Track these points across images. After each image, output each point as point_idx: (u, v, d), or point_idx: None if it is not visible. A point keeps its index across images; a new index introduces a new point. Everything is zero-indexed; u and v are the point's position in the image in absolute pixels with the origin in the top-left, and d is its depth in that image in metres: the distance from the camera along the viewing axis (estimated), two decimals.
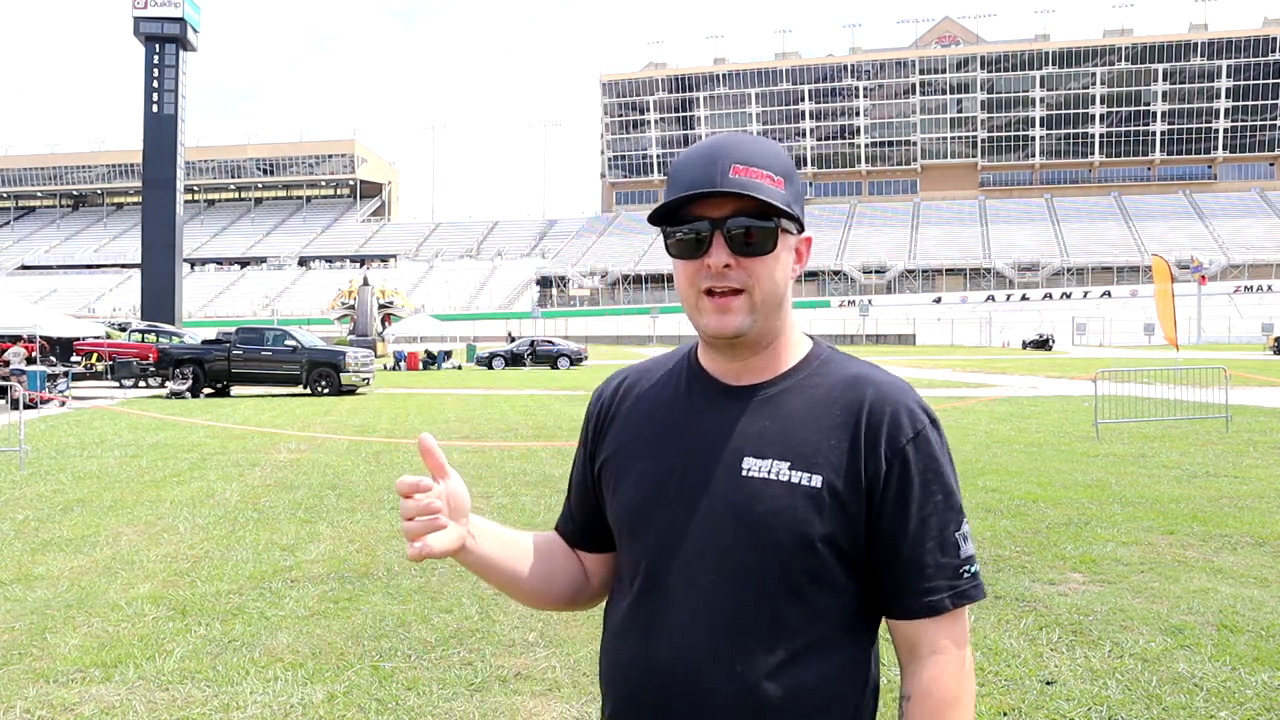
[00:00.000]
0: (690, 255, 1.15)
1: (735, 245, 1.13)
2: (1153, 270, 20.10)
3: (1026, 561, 5.60)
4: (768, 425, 1.16)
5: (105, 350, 26.07)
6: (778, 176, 1.14)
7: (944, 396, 18.99)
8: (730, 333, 1.14)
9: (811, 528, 1.11)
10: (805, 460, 1.13)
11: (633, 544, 1.21)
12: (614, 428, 1.28)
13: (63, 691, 3.72)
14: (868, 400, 1.16)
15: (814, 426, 1.15)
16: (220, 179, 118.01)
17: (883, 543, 1.14)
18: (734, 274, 1.13)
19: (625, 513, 1.22)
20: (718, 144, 1.15)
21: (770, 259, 1.14)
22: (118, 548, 6.18)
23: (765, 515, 1.12)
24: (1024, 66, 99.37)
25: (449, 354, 38.47)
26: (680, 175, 1.15)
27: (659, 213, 1.15)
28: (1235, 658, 3.94)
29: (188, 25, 55.91)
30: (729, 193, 1.10)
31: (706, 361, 1.24)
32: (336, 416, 16.04)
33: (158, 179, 55.15)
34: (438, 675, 3.90)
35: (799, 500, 1.11)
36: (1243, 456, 9.84)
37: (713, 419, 1.19)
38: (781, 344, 1.21)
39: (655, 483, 1.19)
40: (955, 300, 77.52)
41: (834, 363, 1.22)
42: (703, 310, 1.15)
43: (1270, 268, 75.99)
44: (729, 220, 1.12)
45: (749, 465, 1.14)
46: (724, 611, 1.12)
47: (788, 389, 1.19)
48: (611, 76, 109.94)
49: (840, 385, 1.18)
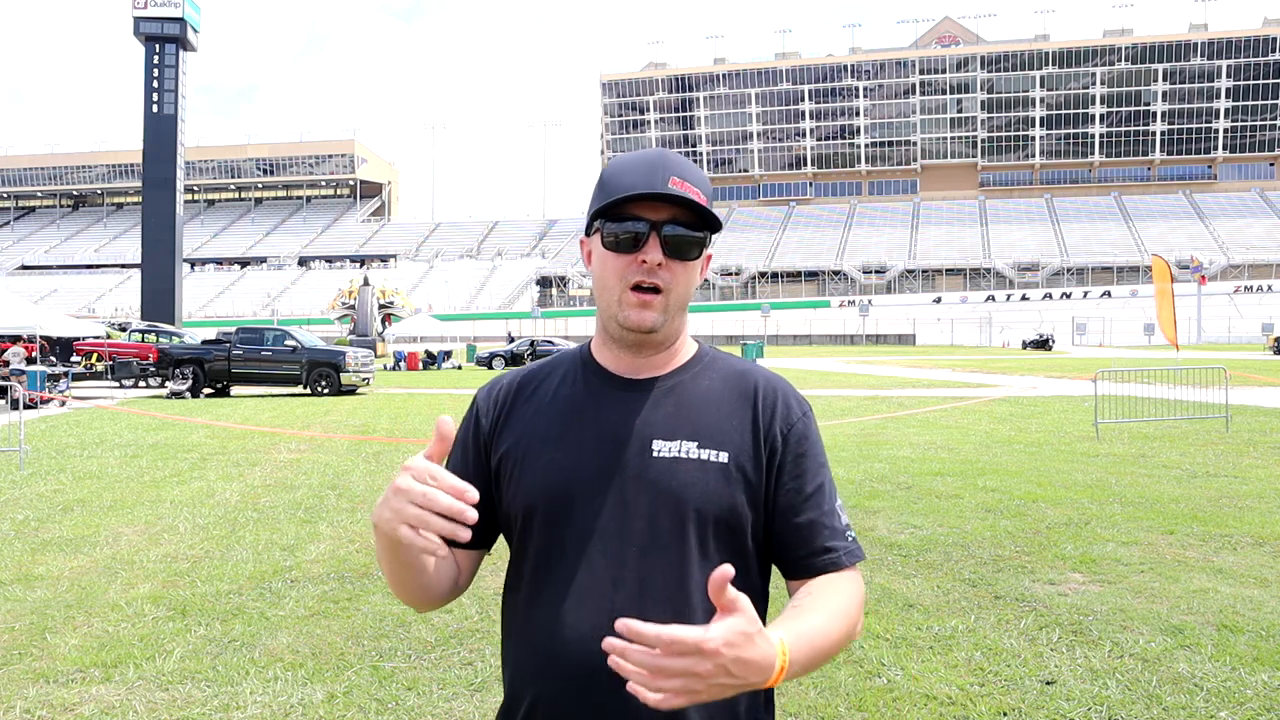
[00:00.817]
0: (625, 250, 1.24)
1: (668, 247, 1.23)
2: (1153, 270, 20.10)
3: (1026, 561, 5.60)
4: (671, 411, 1.27)
5: (105, 350, 26.08)
6: (705, 196, 1.25)
7: (944, 396, 18.99)
8: (647, 327, 1.24)
9: (724, 498, 1.23)
10: (712, 439, 1.25)
11: (544, 533, 1.25)
12: (510, 424, 1.32)
13: (63, 691, 3.72)
14: (759, 387, 1.30)
15: (715, 410, 1.28)
16: (220, 179, 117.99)
17: (784, 511, 1.26)
18: (661, 273, 1.23)
19: (536, 501, 1.25)
20: (658, 156, 1.26)
21: (692, 265, 1.26)
22: (118, 548, 6.18)
23: (680, 489, 1.22)
24: (1024, 66, 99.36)
25: (449, 354, 38.48)
26: (620, 177, 1.24)
27: (604, 207, 1.23)
28: (1235, 658, 3.94)
29: (187, 25, 55.93)
30: (671, 198, 1.21)
31: (604, 359, 1.33)
32: (336, 416, 16.04)
33: (158, 179, 55.17)
34: (438, 675, 3.90)
35: (710, 475, 1.23)
36: (1243, 456, 9.84)
37: (618, 408, 1.28)
38: (678, 344, 1.33)
39: (568, 470, 1.25)
40: (955, 300, 77.49)
41: (721, 360, 1.35)
42: (625, 304, 1.24)
43: (1270, 268, 75.96)
44: (665, 224, 1.23)
45: (659, 447, 1.24)
46: (650, 582, 1.20)
47: (685, 381, 1.30)
48: (611, 76, 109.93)
49: (731, 376, 1.32)
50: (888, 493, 7.90)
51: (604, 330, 1.32)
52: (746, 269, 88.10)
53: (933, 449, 10.66)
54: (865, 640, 4.23)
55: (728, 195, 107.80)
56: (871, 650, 4.11)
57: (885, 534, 6.36)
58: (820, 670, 3.86)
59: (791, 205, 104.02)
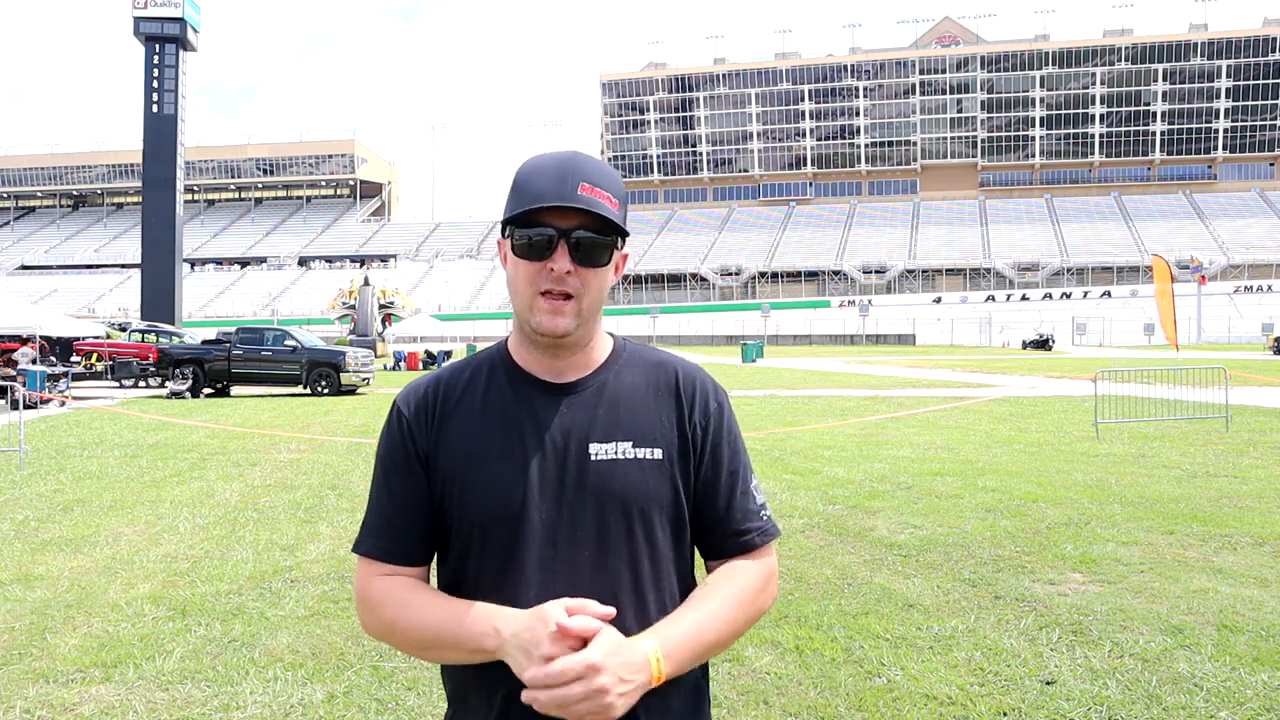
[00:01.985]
0: (534, 257, 1.25)
1: (575, 254, 1.24)
2: (1153, 270, 20.10)
3: (1026, 561, 5.60)
4: (602, 413, 1.30)
5: (105, 350, 26.08)
6: (615, 199, 1.26)
7: (944, 396, 18.99)
8: (560, 332, 1.26)
9: (664, 494, 1.28)
10: (645, 437, 1.29)
11: (497, 545, 1.26)
12: (444, 436, 1.30)
13: (63, 691, 3.72)
14: (679, 377, 1.35)
15: (644, 408, 1.31)
16: (220, 179, 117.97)
17: (706, 498, 1.33)
18: (570, 280, 1.24)
19: (484, 518, 1.26)
20: (569, 160, 1.27)
21: (603, 271, 1.27)
22: (118, 548, 6.18)
23: (622, 490, 1.26)
24: (1024, 66, 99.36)
25: (449, 354, 38.47)
26: (531, 183, 1.25)
27: (514, 215, 1.25)
28: (1235, 658, 3.94)
29: (187, 25, 55.92)
30: (578, 208, 1.22)
31: (524, 361, 1.34)
32: (336, 416, 16.04)
33: (158, 179, 55.16)
34: (438, 675, 3.89)
35: (647, 472, 1.28)
36: (1243, 456, 9.84)
37: (550, 414, 1.29)
38: (594, 344, 1.35)
39: (512, 484, 1.26)
40: (955, 300, 77.48)
41: (639, 353, 1.38)
42: (536, 310, 1.26)
43: (1270, 268, 75.96)
44: (574, 231, 1.24)
45: (596, 450, 1.27)
46: (605, 583, 1.24)
47: (607, 380, 1.33)
48: (611, 76, 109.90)
49: (651, 369, 1.36)
50: (888, 493, 7.90)
51: (520, 331, 1.33)
52: (746, 269, 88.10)
53: (933, 449, 10.66)
54: (865, 640, 4.23)
55: (728, 195, 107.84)
56: (871, 650, 4.11)
57: (885, 534, 6.36)
58: (820, 670, 3.87)
59: (791, 205, 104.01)
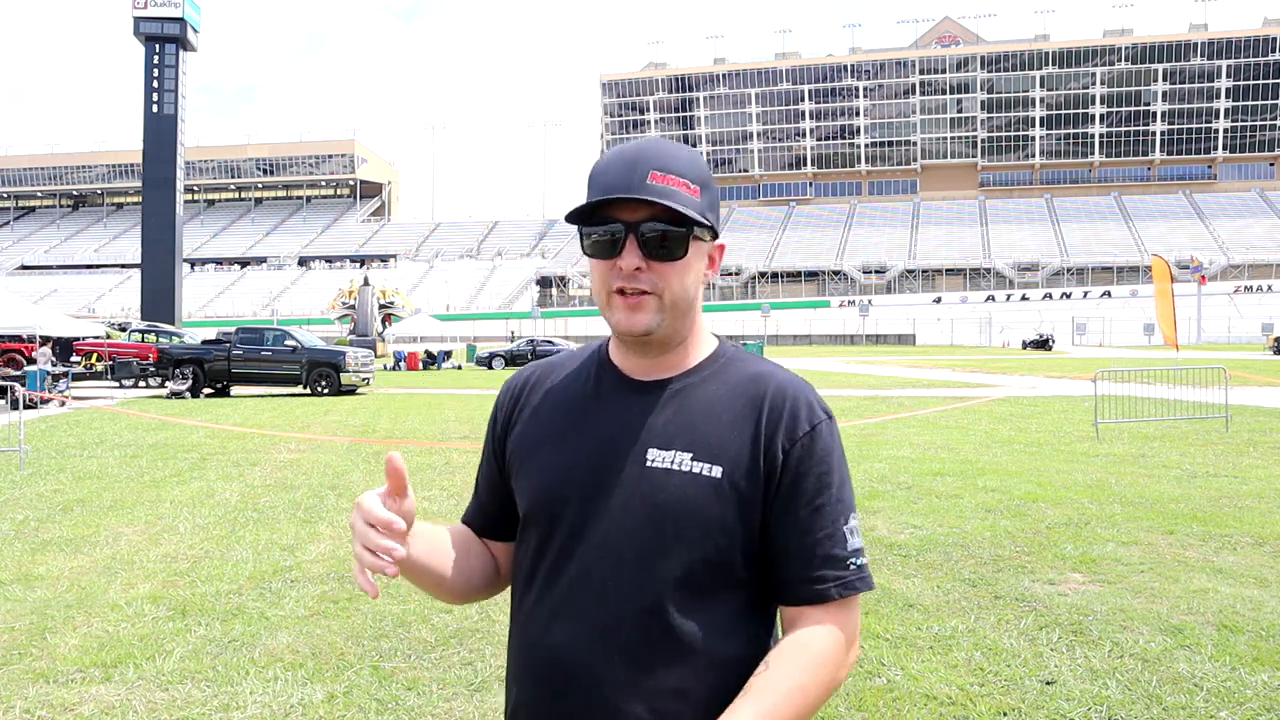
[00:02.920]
0: (605, 255, 1.19)
1: (647, 249, 1.17)
2: (1152, 270, 20.10)
3: (1026, 561, 5.60)
4: (672, 418, 1.21)
5: (105, 350, 26.07)
6: (694, 185, 1.18)
7: (944, 396, 19.00)
8: (639, 331, 1.19)
9: (712, 517, 1.16)
10: (708, 451, 1.18)
11: (538, 534, 1.23)
12: (522, 420, 1.31)
13: (63, 691, 3.72)
14: (769, 394, 1.21)
15: (717, 420, 1.20)
16: (220, 179, 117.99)
17: (776, 532, 1.18)
18: (644, 276, 1.17)
19: (532, 503, 1.24)
20: (639, 149, 1.19)
21: (681, 264, 1.19)
22: (118, 548, 6.18)
23: (667, 504, 1.16)
24: (1024, 66, 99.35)
25: (449, 354, 38.50)
26: (600, 178, 1.19)
27: (577, 212, 1.18)
28: (1235, 658, 3.94)
29: (187, 25, 55.96)
30: (645, 199, 1.15)
31: (617, 357, 1.28)
32: (336, 416, 16.04)
33: (158, 179, 55.21)
34: (438, 675, 3.90)
35: (700, 489, 1.16)
36: (1243, 456, 9.84)
37: (619, 412, 1.23)
38: (690, 343, 1.26)
39: (561, 473, 1.22)
40: (955, 300, 77.49)
41: (738, 361, 1.27)
42: (613, 308, 1.20)
43: (1270, 268, 75.96)
44: (642, 224, 1.16)
45: (653, 456, 1.19)
46: (625, 601, 1.15)
47: (692, 384, 1.24)
48: (611, 76, 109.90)
49: (744, 381, 1.24)
50: (888, 493, 7.90)
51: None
52: (746, 269, 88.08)
53: (933, 449, 10.66)
54: (865, 640, 4.23)
55: (728, 195, 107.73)
56: (871, 650, 4.11)
57: (885, 534, 6.36)
58: None
59: (791, 205, 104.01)
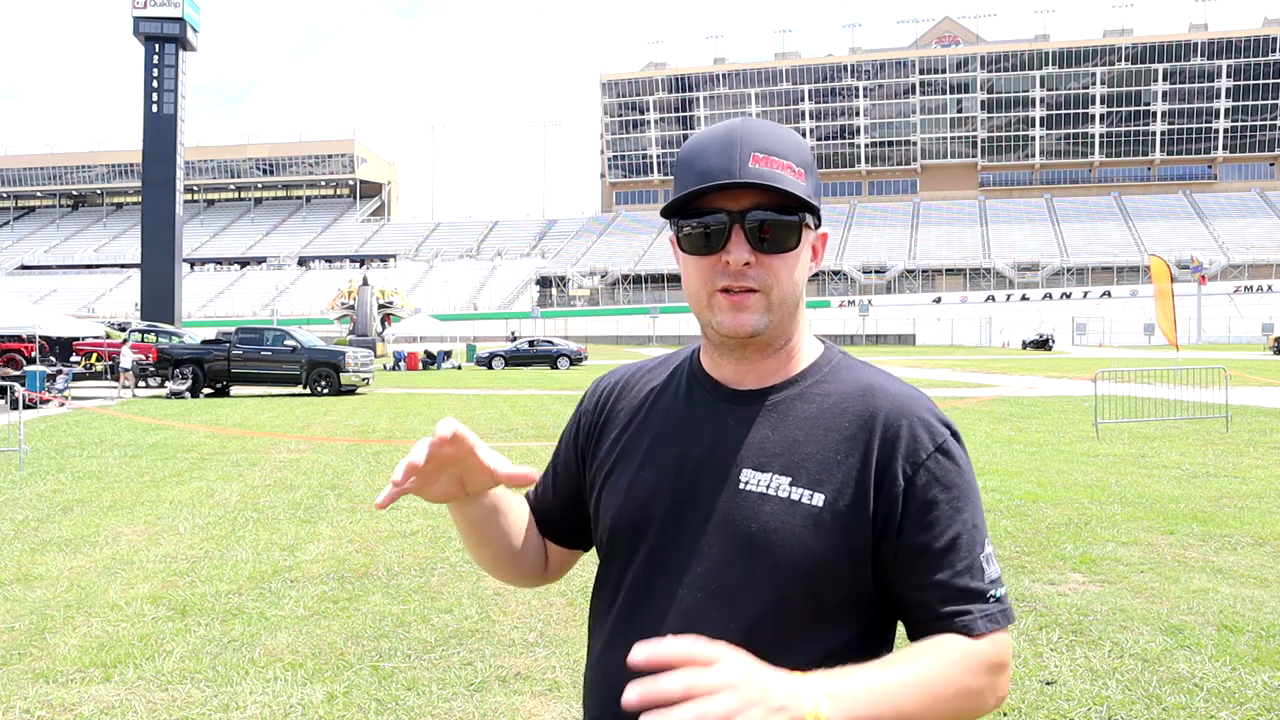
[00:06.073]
0: (704, 250, 1.05)
1: (755, 240, 1.04)
2: (1152, 270, 20.10)
3: (1026, 561, 5.60)
4: (770, 435, 1.07)
5: (105, 350, 26.07)
6: (799, 168, 1.05)
7: (944, 396, 18.99)
8: (746, 333, 1.06)
9: (810, 551, 1.01)
10: (809, 476, 1.04)
11: (621, 554, 1.13)
12: (609, 429, 1.20)
13: (63, 691, 3.72)
14: (882, 413, 1.06)
15: (821, 439, 1.06)
16: (220, 179, 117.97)
17: (902, 569, 1.03)
18: (752, 272, 1.04)
19: (616, 523, 1.13)
20: (736, 129, 1.05)
21: (791, 256, 1.06)
22: (117, 548, 6.18)
23: (759, 534, 1.03)
24: (1024, 66, 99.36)
25: (449, 354, 38.48)
26: (694, 162, 1.05)
27: (673, 205, 1.06)
28: (1235, 658, 3.94)
29: (187, 25, 55.92)
30: (750, 184, 1.02)
31: (710, 365, 1.15)
32: (336, 416, 16.04)
33: (157, 179, 55.16)
34: (438, 675, 3.90)
35: (798, 519, 1.02)
36: (1243, 456, 9.84)
37: (713, 426, 1.11)
38: (793, 347, 1.12)
39: (647, 493, 1.11)
40: (955, 300, 77.50)
41: (845, 369, 1.13)
42: (716, 308, 1.06)
43: (1270, 268, 75.98)
44: (749, 213, 1.03)
45: (747, 478, 1.06)
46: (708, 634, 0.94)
47: (794, 396, 1.10)
48: (611, 76, 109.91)
49: (852, 395, 1.09)
50: None
51: (704, 334, 1.15)
52: None
53: None
54: None
55: None
56: None
57: None
58: None
59: None
